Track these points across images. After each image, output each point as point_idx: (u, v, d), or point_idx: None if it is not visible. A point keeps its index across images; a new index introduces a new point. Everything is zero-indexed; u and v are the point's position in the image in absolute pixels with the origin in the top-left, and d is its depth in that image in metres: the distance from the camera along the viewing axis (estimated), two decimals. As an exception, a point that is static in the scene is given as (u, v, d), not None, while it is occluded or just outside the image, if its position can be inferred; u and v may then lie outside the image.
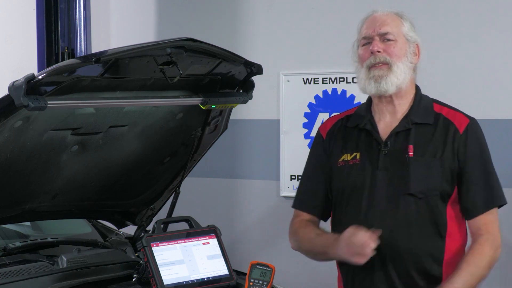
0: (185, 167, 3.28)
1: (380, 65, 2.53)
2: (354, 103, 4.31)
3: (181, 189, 3.34)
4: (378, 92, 2.55)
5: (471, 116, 2.61)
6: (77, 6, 5.16)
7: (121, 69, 2.62)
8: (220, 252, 3.03)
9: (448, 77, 4.25)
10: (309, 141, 4.45)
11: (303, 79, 4.46)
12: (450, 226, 2.53)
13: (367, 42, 2.57)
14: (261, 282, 2.62)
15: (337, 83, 4.37)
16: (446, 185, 2.53)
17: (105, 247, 3.26)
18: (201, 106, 2.94)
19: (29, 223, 3.57)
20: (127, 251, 3.19)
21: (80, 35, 5.16)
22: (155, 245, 2.90)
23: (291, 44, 4.54)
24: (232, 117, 3.26)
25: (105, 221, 3.58)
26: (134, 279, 2.93)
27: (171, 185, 3.37)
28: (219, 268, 2.99)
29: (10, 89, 2.44)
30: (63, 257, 3.01)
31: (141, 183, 3.31)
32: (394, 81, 2.53)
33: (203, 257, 2.99)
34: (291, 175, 4.51)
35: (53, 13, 5.12)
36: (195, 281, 2.92)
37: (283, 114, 4.54)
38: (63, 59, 5.04)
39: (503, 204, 2.60)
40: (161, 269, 2.86)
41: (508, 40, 4.08)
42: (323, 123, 2.79)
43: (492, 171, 2.60)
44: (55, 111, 2.64)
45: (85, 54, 5.07)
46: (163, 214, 3.37)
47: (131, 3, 5.24)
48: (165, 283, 2.83)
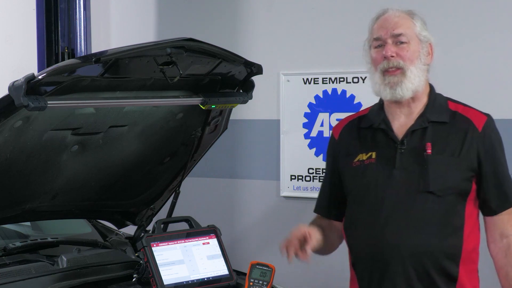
0: (185, 167, 3.28)
1: (393, 70, 2.51)
2: (354, 103, 4.31)
3: (181, 189, 3.34)
4: (393, 98, 2.54)
5: (486, 112, 2.60)
6: (77, 6, 5.16)
7: (121, 69, 2.62)
8: (220, 252, 3.03)
9: (448, 77, 4.25)
10: (309, 141, 4.45)
11: (303, 79, 4.45)
12: (467, 224, 2.52)
13: (379, 44, 2.55)
14: (261, 282, 2.62)
15: (337, 83, 4.37)
16: (465, 183, 2.52)
17: (105, 247, 3.26)
18: (201, 106, 2.94)
19: (29, 223, 3.57)
20: (127, 251, 3.19)
21: (80, 35, 5.16)
22: (155, 245, 2.90)
23: (291, 44, 4.54)
24: (232, 117, 3.26)
25: (105, 221, 3.58)
26: (134, 279, 2.93)
27: (171, 185, 3.37)
28: (219, 268, 2.99)
29: (10, 89, 2.44)
30: (63, 257, 3.01)
31: (141, 183, 3.31)
32: (409, 87, 2.51)
33: (203, 257, 2.99)
34: (291, 175, 4.51)
35: (53, 13, 5.12)
36: (195, 281, 2.92)
37: (283, 114, 4.54)
38: (63, 59, 5.04)
39: None
40: (161, 269, 2.86)
41: (508, 40, 4.08)
42: (336, 125, 2.79)
43: (507, 169, 2.60)
44: (55, 111, 2.64)
45: (85, 54, 5.07)
46: (163, 214, 3.37)
47: (131, 3, 5.24)
48: (165, 283, 2.83)
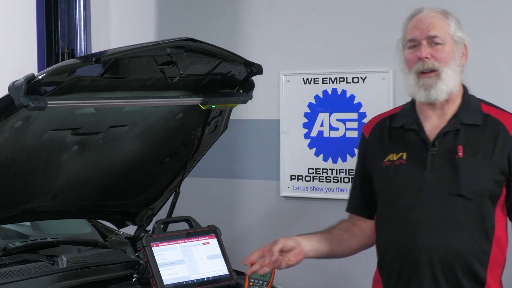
0: (185, 167, 3.28)
1: (428, 72, 2.50)
2: (354, 103, 4.30)
3: (181, 189, 3.34)
4: (428, 100, 2.52)
5: None
6: (77, 6, 5.15)
7: (121, 69, 2.62)
8: (220, 252, 3.03)
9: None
10: (309, 141, 4.44)
11: (303, 79, 4.45)
12: (497, 228, 2.51)
13: (413, 45, 2.54)
14: (261, 282, 2.62)
15: (337, 83, 4.37)
16: (495, 186, 2.50)
17: (105, 247, 3.26)
18: (201, 106, 2.94)
19: (29, 223, 3.57)
20: (127, 251, 3.19)
21: (80, 35, 5.16)
22: (155, 245, 2.90)
23: (291, 44, 4.54)
24: (232, 117, 3.26)
25: (105, 221, 3.58)
26: (134, 279, 2.93)
27: (171, 185, 3.37)
28: (219, 268, 2.99)
29: (10, 89, 2.44)
30: (63, 257, 3.01)
31: (141, 183, 3.31)
32: (443, 89, 2.50)
33: (203, 257, 2.99)
34: (291, 175, 4.50)
35: (53, 13, 5.12)
36: (195, 281, 2.92)
37: (283, 114, 4.53)
38: (63, 59, 5.04)
39: None
40: (161, 269, 2.86)
41: (509, 39, 4.08)
42: (367, 123, 2.77)
43: None
44: (55, 111, 2.64)
45: (85, 54, 5.06)
46: (163, 214, 3.37)
47: (131, 3, 5.23)
48: (165, 283, 2.83)
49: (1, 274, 2.83)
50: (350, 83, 4.34)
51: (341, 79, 4.36)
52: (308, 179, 4.46)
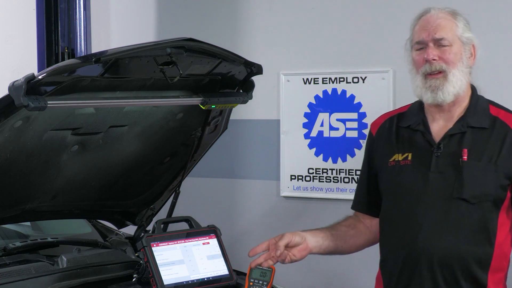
0: (185, 167, 3.28)
1: (436, 73, 2.49)
2: (354, 103, 4.30)
3: (181, 189, 3.34)
4: (435, 102, 2.51)
5: None
6: (77, 6, 5.15)
7: (121, 69, 2.62)
8: (220, 252, 3.03)
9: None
10: (309, 141, 4.44)
11: (303, 79, 4.45)
12: (500, 233, 2.50)
13: (421, 47, 2.53)
14: (261, 282, 2.62)
15: (337, 83, 4.37)
16: (500, 191, 2.48)
17: (105, 247, 3.26)
18: (201, 106, 2.94)
19: (29, 223, 3.57)
20: (127, 251, 3.19)
21: (80, 35, 5.16)
22: (155, 245, 2.90)
23: (291, 44, 4.54)
24: (232, 117, 3.26)
25: (105, 221, 3.58)
26: (134, 279, 2.93)
27: (171, 185, 3.37)
28: (219, 268, 2.99)
29: (10, 89, 2.44)
30: (63, 257, 3.01)
31: (141, 183, 3.31)
32: (451, 91, 2.49)
33: (203, 257, 2.99)
34: (291, 175, 4.50)
35: (53, 13, 5.12)
36: (195, 281, 2.92)
37: (283, 114, 4.53)
38: (63, 59, 5.04)
39: None
40: (161, 269, 2.86)
41: (509, 39, 4.08)
42: (374, 120, 2.77)
43: None
44: (55, 111, 2.64)
45: (85, 54, 5.07)
46: (163, 214, 3.37)
47: (131, 3, 5.23)
48: (165, 283, 2.83)
49: (1, 274, 2.83)
50: (350, 83, 4.33)
51: (341, 79, 4.36)
52: (308, 179, 4.46)
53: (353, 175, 4.28)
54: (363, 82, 4.28)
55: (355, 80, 4.31)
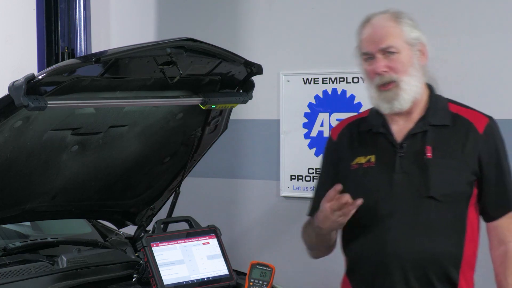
0: (185, 167, 3.28)
1: (387, 84, 2.46)
2: (354, 103, 4.31)
3: (181, 189, 3.34)
4: (392, 111, 2.49)
5: (488, 114, 2.55)
6: (77, 6, 5.15)
7: (121, 69, 2.62)
8: (220, 252, 3.03)
9: (447, 77, 4.25)
10: (309, 141, 4.45)
11: (303, 79, 4.45)
12: (469, 229, 2.48)
13: (369, 57, 2.50)
14: (261, 282, 2.62)
15: (337, 83, 4.37)
16: (467, 187, 2.47)
17: (105, 247, 3.26)
18: (201, 106, 2.94)
19: (29, 223, 3.57)
20: (127, 251, 3.19)
21: (80, 35, 5.16)
22: (155, 245, 2.90)
23: (291, 44, 4.54)
24: (232, 117, 3.26)
25: (105, 221, 3.58)
26: (134, 279, 2.93)
27: (171, 185, 3.37)
28: (219, 268, 2.99)
29: (10, 89, 2.44)
30: (63, 257, 3.01)
31: (141, 183, 3.31)
32: (406, 98, 2.46)
33: (203, 257, 2.99)
34: (291, 175, 4.51)
35: (53, 13, 5.12)
36: (195, 281, 2.92)
37: (283, 114, 4.53)
38: (63, 59, 5.04)
39: None
40: (161, 269, 2.86)
41: (509, 39, 4.08)
42: (334, 126, 2.74)
43: (509, 173, 2.54)
44: (55, 111, 2.64)
45: (85, 54, 5.07)
46: (163, 214, 3.37)
47: (131, 3, 5.24)
48: (165, 283, 2.83)
49: (1, 274, 2.83)
50: (350, 83, 4.34)
51: (341, 79, 4.36)
52: (308, 179, 4.46)
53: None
54: (363, 82, 4.27)
55: (355, 80, 4.31)
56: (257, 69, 2.98)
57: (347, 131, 2.65)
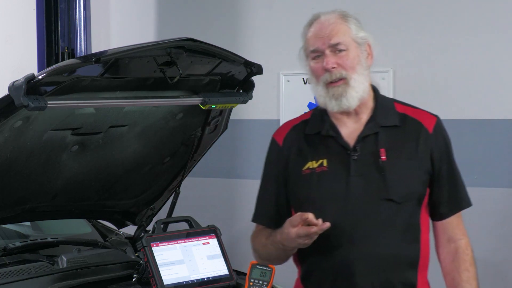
0: (185, 167, 3.28)
1: (336, 81, 2.44)
2: (354, 103, 4.30)
3: (181, 189, 3.34)
4: (340, 109, 2.46)
5: (434, 113, 2.55)
6: (77, 6, 5.16)
7: (121, 69, 2.62)
8: (220, 252, 3.03)
9: (448, 77, 4.25)
10: (309, 141, 4.45)
11: (303, 79, 4.45)
12: (423, 230, 2.48)
13: (317, 55, 2.47)
14: (261, 282, 2.61)
15: (337, 83, 4.37)
16: (422, 187, 2.46)
17: (105, 247, 3.26)
18: (201, 106, 2.94)
19: (29, 223, 3.57)
20: (127, 251, 3.19)
21: (80, 35, 5.16)
22: (155, 245, 2.90)
23: (291, 44, 4.49)
24: (232, 117, 3.26)
25: (105, 221, 3.58)
26: (134, 279, 2.93)
27: (171, 185, 3.37)
28: (219, 268, 2.99)
29: (10, 89, 2.44)
30: (63, 257, 3.01)
31: (141, 183, 3.31)
32: (354, 96, 2.44)
33: (203, 257, 2.99)
34: (291, 175, 4.50)
35: (53, 13, 5.12)
36: (195, 281, 2.92)
37: (283, 114, 4.54)
38: (63, 59, 5.05)
39: (471, 205, 2.56)
40: (161, 269, 2.86)
41: (508, 40, 4.08)
42: (278, 130, 2.66)
43: (458, 171, 2.55)
44: (55, 111, 2.64)
45: (85, 54, 5.07)
46: (163, 214, 3.37)
47: (131, 3, 5.24)
48: (165, 283, 2.83)
49: (1, 274, 2.83)
50: (350, 83, 4.33)
51: (341, 79, 4.35)
52: (308, 179, 4.45)
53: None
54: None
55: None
56: (257, 69, 2.97)
57: (293, 135, 2.59)
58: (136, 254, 3.02)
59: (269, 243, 2.56)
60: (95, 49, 5.15)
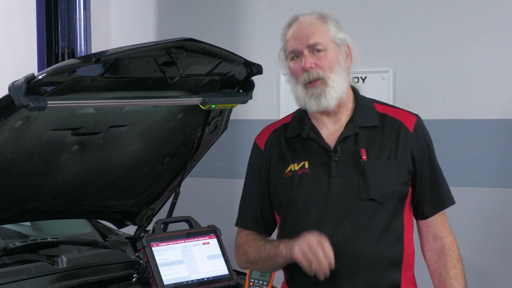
0: (185, 167, 3.28)
1: (315, 81, 2.44)
2: (354, 103, 4.31)
3: (181, 189, 3.34)
4: (319, 109, 2.46)
5: (414, 113, 2.55)
6: (77, 6, 5.16)
7: (121, 69, 2.62)
8: (220, 252, 3.03)
9: (448, 77, 4.25)
10: (309, 141, 4.45)
11: (303, 79, 4.45)
12: (406, 229, 2.48)
13: (296, 55, 2.49)
14: (261, 282, 2.62)
15: (337, 83, 4.37)
16: (404, 186, 2.46)
17: (105, 247, 3.26)
18: (201, 106, 2.94)
19: (29, 223, 3.57)
20: (127, 251, 3.19)
21: (80, 35, 5.16)
22: (155, 245, 2.91)
23: (291, 44, 4.54)
24: (232, 117, 3.26)
25: (105, 221, 3.58)
26: (134, 279, 2.93)
27: (171, 185, 3.37)
28: (219, 268, 2.99)
29: (10, 89, 2.44)
30: (63, 257, 3.01)
31: (141, 183, 3.31)
32: (333, 95, 2.44)
33: (203, 257, 2.99)
34: (291, 175, 4.50)
35: (53, 13, 5.13)
36: (195, 281, 2.92)
37: (283, 114, 4.52)
38: (63, 59, 5.05)
39: (454, 203, 2.56)
40: (161, 269, 2.86)
41: (508, 40, 4.08)
42: (259, 134, 2.67)
43: (440, 169, 2.55)
44: (55, 111, 2.64)
45: (85, 54, 5.07)
46: (163, 214, 3.37)
47: (131, 3, 5.24)
48: (165, 283, 2.83)
49: (1, 274, 2.83)
50: (350, 83, 4.34)
51: (341, 79, 4.36)
52: (308, 179, 4.45)
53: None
54: (363, 82, 4.29)
55: (355, 80, 4.31)
56: (257, 69, 2.98)
57: (274, 138, 2.60)
58: (136, 254, 3.02)
59: (263, 250, 2.54)
60: (95, 49, 5.15)
